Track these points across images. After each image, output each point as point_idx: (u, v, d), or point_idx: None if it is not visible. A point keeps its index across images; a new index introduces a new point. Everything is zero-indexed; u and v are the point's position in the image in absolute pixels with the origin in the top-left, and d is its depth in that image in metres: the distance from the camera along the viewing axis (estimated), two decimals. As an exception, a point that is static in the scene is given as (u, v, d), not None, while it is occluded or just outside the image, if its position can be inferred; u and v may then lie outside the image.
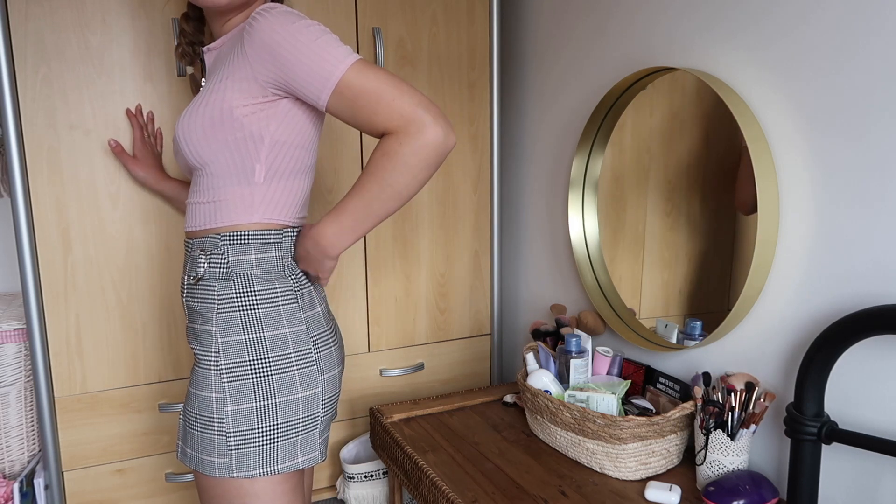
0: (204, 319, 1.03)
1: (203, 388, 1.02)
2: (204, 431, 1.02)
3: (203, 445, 1.02)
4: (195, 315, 1.06)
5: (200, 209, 1.06)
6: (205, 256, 1.04)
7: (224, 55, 1.04)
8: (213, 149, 1.01)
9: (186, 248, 1.10)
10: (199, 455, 1.03)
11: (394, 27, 1.65)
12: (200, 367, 1.03)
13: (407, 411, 1.61)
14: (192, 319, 1.07)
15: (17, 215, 1.36)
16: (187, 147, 1.03)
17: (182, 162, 1.09)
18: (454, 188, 1.80)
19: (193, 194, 1.08)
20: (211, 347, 1.02)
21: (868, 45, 1.02)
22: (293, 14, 0.96)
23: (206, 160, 1.02)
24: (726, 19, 1.24)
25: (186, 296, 1.08)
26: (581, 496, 1.22)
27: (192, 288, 1.06)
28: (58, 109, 1.38)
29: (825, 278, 1.12)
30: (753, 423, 1.16)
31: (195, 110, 1.02)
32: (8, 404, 1.48)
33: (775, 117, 1.17)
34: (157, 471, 1.56)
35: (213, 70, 1.07)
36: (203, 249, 1.05)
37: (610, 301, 1.56)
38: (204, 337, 1.03)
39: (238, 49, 0.98)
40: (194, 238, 1.07)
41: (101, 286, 1.46)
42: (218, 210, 1.04)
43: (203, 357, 1.03)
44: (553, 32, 1.73)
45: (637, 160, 1.46)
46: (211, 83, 1.03)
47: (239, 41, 0.99)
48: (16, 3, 1.33)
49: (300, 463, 1.04)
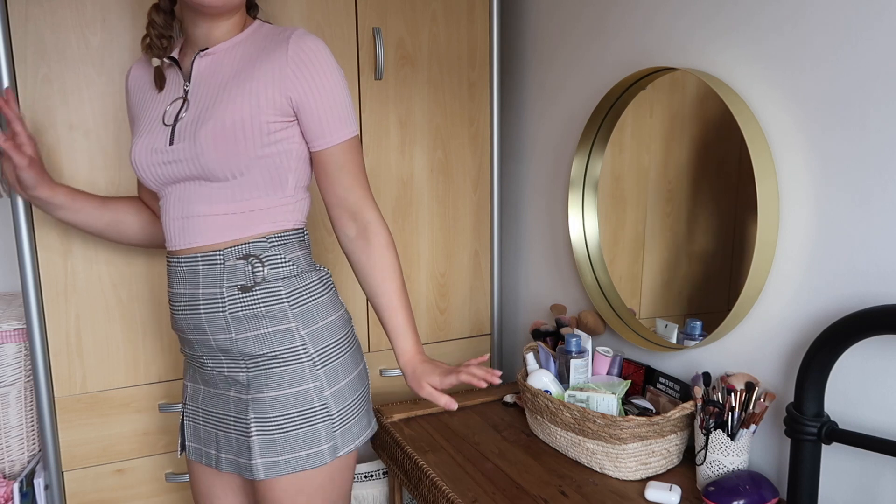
0: (275, 320, 1.08)
1: (295, 383, 1.08)
2: (304, 426, 1.08)
3: (304, 441, 1.08)
4: (256, 320, 1.07)
5: (227, 220, 1.07)
6: (259, 261, 1.07)
7: (234, 65, 1.07)
8: (246, 161, 1.04)
9: (210, 262, 1.08)
10: (298, 454, 1.08)
11: (394, 27, 1.65)
12: (286, 365, 1.08)
13: (407, 411, 1.61)
14: (249, 328, 1.07)
15: (17, 215, 1.36)
16: (217, 157, 1.03)
17: (187, 171, 1.06)
18: (454, 188, 1.80)
19: (207, 205, 1.07)
20: (295, 342, 1.09)
21: (867, 44, 1.02)
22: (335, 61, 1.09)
23: (238, 171, 1.05)
24: (726, 20, 1.24)
25: (229, 308, 1.07)
26: (581, 496, 1.22)
27: (242, 297, 1.07)
28: (58, 109, 1.38)
29: (825, 278, 1.12)
30: (753, 423, 1.16)
31: (219, 121, 1.03)
32: (8, 404, 1.48)
33: (775, 117, 1.17)
34: (157, 471, 1.56)
35: (212, 76, 1.08)
36: (250, 256, 1.07)
37: (610, 301, 1.56)
38: (281, 336, 1.08)
39: (273, 67, 1.04)
40: (224, 248, 1.07)
41: (101, 286, 1.46)
42: (253, 219, 1.08)
43: (286, 354, 1.08)
44: (553, 32, 1.73)
45: (637, 160, 1.46)
46: (224, 92, 1.05)
47: (274, 60, 1.05)
48: (16, 4, 1.33)
49: (373, 425, 1.20)
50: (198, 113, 1.06)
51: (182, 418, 1.21)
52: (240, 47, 1.09)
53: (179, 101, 1.09)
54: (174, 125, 1.07)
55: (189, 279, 1.09)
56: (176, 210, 1.09)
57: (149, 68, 1.16)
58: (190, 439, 1.20)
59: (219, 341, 1.09)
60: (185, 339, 1.15)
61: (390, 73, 1.67)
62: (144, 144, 1.09)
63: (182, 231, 1.09)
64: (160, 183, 1.10)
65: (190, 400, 1.19)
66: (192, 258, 1.09)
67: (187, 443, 1.20)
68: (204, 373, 1.15)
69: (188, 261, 1.09)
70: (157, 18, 1.11)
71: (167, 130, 1.08)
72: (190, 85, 1.09)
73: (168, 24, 1.12)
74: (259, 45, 1.08)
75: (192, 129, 1.05)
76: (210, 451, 1.17)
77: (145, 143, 1.09)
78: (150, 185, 1.11)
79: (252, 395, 1.08)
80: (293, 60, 1.04)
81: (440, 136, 1.76)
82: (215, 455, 1.16)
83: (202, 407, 1.17)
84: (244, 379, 1.10)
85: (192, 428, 1.19)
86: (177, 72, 1.12)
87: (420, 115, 1.72)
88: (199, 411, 1.18)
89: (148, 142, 1.09)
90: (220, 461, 1.15)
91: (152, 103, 1.13)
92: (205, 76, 1.08)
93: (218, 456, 1.15)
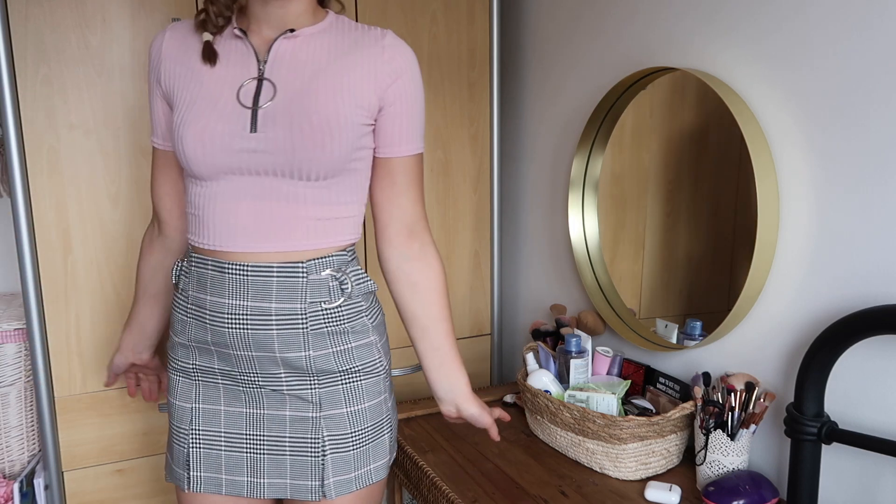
0: (357, 335, 1.04)
1: (373, 396, 1.05)
2: (376, 438, 1.06)
3: (373, 454, 1.06)
4: (339, 336, 1.02)
5: (313, 226, 0.99)
6: (347, 276, 1.02)
7: (323, 53, 0.99)
8: (341, 161, 0.98)
9: (289, 273, 0.98)
10: (368, 468, 1.06)
11: (394, 27, 1.65)
12: (366, 378, 1.05)
13: (407, 411, 1.61)
14: (330, 344, 1.01)
15: (17, 215, 1.36)
16: (316, 153, 0.95)
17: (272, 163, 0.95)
18: (454, 188, 1.80)
19: (290, 206, 0.98)
20: (374, 356, 1.06)
21: (868, 44, 1.02)
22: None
23: (333, 171, 0.97)
24: (727, 20, 1.24)
25: (311, 324, 1.00)
26: (581, 496, 1.22)
27: (326, 313, 1.01)
28: (58, 109, 1.38)
29: (825, 278, 1.12)
30: (753, 423, 1.16)
31: (320, 113, 0.95)
32: (8, 404, 1.48)
33: (775, 117, 1.17)
34: (157, 471, 1.56)
35: (297, 61, 0.98)
36: (336, 269, 1.01)
37: (610, 301, 1.56)
38: (362, 351, 1.04)
39: (368, 64, 0.99)
40: (307, 259, 0.99)
41: (101, 286, 1.46)
42: (336, 228, 1.02)
43: (368, 367, 1.05)
44: (553, 32, 1.73)
45: (637, 160, 1.46)
46: (316, 81, 0.97)
47: (369, 57, 0.99)
48: (16, 4, 1.33)
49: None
50: (289, 99, 0.96)
51: (188, 447, 1.05)
52: (325, 36, 1.00)
53: (254, 83, 0.97)
54: (254, 108, 0.95)
55: (256, 290, 0.98)
56: (244, 205, 0.97)
57: (190, 38, 1.02)
58: (204, 469, 1.05)
59: (289, 359, 1.00)
60: (218, 354, 1.03)
61: (390, 73, 1.67)
62: (212, 127, 0.95)
63: (253, 232, 0.97)
64: (225, 172, 0.97)
65: (203, 425, 1.05)
66: (264, 267, 0.97)
67: (199, 473, 1.05)
68: (236, 391, 1.04)
69: (256, 269, 0.97)
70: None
71: (245, 114, 0.95)
72: (266, 66, 0.98)
73: (228, 5, 1.01)
74: (348, 38, 1.01)
75: (286, 118, 0.95)
76: (239, 479, 1.05)
77: (213, 125, 0.95)
78: (202, 173, 0.97)
79: (325, 412, 1.02)
80: (390, 62, 1.00)
81: (440, 136, 1.76)
82: (249, 482, 1.05)
83: (225, 430, 1.04)
84: (312, 396, 1.02)
85: (207, 456, 1.05)
86: (246, 47, 0.99)
87: (420, 115, 1.72)
88: (221, 436, 1.05)
89: (216, 125, 0.95)
90: (258, 487, 1.05)
91: (206, 78, 0.99)
92: (287, 59, 0.98)
93: (254, 482, 1.05)
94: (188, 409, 1.06)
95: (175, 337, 1.08)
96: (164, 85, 1.03)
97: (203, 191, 0.99)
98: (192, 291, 1.03)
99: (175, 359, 1.08)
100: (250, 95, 0.97)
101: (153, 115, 1.08)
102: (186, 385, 1.07)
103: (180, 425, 1.07)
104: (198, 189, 1.00)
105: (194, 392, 1.06)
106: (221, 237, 0.99)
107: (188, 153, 0.96)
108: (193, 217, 1.02)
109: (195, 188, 1.01)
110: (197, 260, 1.02)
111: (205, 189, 0.99)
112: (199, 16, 1.01)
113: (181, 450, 1.07)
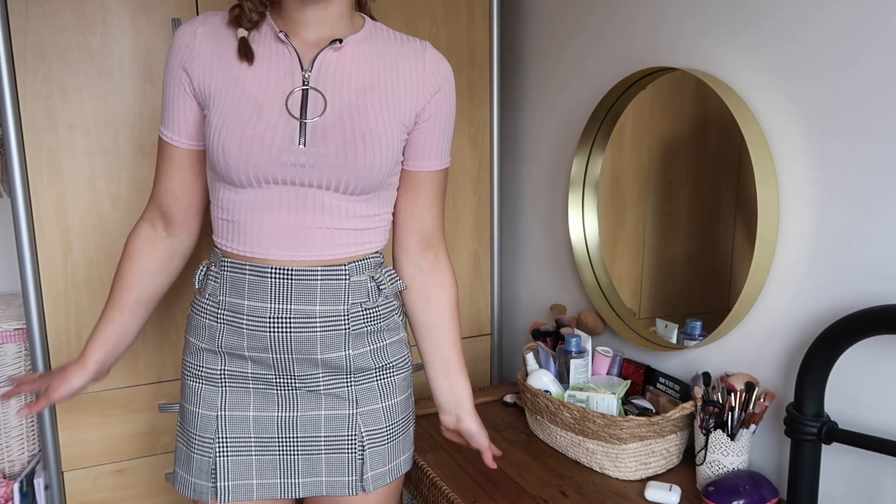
0: (391, 333, 1.08)
1: (404, 390, 1.10)
2: (407, 429, 1.12)
3: (403, 446, 1.11)
4: (376, 335, 1.06)
5: (353, 235, 1.01)
6: (382, 276, 1.06)
7: (369, 66, 0.99)
8: (383, 178, 1.00)
9: (332, 276, 1.00)
10: (400, 459, 1.11)
11: (394, 27, 1.65)
12: (399, 373, 1.09)
13: (407, 411, 1.61)
14: (368, 342, 1.04)
15: (17, 215, 1.36)
16: (367, 173, 0.97)
17: (319, 178, 0.95)
18: (454, 188, 1.80)
19: (335, 218, 0.99)
20: (404, 351, 1.11)
21: (869, 46, 1.02)
22: None
23: (377, 186, 1.00)
24: (727, 19, 1.24)
25: (352, 325, 1.02)
26: (581, 496, 1.22)
27: (370, 311, 1.04)
28: (58, 109, 1.38)
29: (825, 278, 1.12)
30: (753, 423, 1.16)
31: (374, 134, 0.96)
32: (8, 404, 1.48)
33: (775, 117, 1.17)
34: (157, 471, 1.56)
35: (343, 72, 0.98)
36: (373, 270, 1.05)
37: (610, 301, 1.56)
38: (395, 347, 1.09)
39: (411, 78, 1.01)
40: (348, 263, 1.01)
41: (101, 286, 1.46)
42: (371, 235, 1.04)
43: (400, 363, 1.10)
44: (553, 32, 1.73)
45: (637, 160, 1.46)
46: (365, 96, 0.97)
47: (412, 70, 1.01)
48: (16, 4, 1.33)
49: None
50: (339, 114, 0.95)
51: (213, 456, 1.03)
52: (368, 45, 1.00)
53: (300, 92, 0.95)
54: (303, 120, 0.94)
55: (300, 293, 0.99)
56: (289, 216, 0.97)
57: (223, 32, 0.98)
58: (233, 477, 1.03)
59: (329, 359, 1.02)
60: (253, 359, 1.02)
61: (390, 73, 1.67)
62: (260, 137, 0.93)
63: (297, 240, 0.98)
64: (266, 181, 0.95)
65: (231, 432, 1.03)
66: (308, 271, 0.98)
67: (228, 483, 1.03)
68: (269, 394, 1.03)
69: (301, 273, 0.98)
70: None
71: (294, 125, 0.94)
72: (311, 74, 0.96)
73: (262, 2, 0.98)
74: (391, 49, 1.01)
75: (337, 134, 0.95)
76: (272, 482, 1.05)
77: (261, 135, 0.93)
78: (241, 181, 0.96)
79: (361, 408, 1.04)
80: (431, 74, 1.02)
81: (440, 136, 1.76)
82: (283, 483, 1.05)
83: (255, 435, 1.03)
84: (349, 394, 1.04)
85: (235, 463, 1.03)
86: (290, 52, 0.97)
87: (420, 115, 1.72)
88: (250, 441, 1.03)
89: (265, 135, 0.93)
90: (293, 488, 1.05)
91: (247, 81, 0.96)
92: (332, 69, 0.97)
93: (288, 483, 1.05)
94: (213, 417, 1.03)
95: (200, 343, 1.05)
96: (196, 81, 0.98)
97: (239, 198, 0.98)
98: (223, 297, 1.01)
99: (197, 365, 1.05)
100: (297, 105, 0.95)
101: (174, 110, 1.01)
102: (210, 392, 1.04)
103: (204, 434, 1.03)
104: (232, 195, 0.99)
105: (220, 399, 1.04)
106: (262, 244, 0.98)
107: (231, 161, 0.94)
108: (227, 223, 1.01)
109: (229, 194, 0.99)
110: (231, 265, 1.01)
111: (241, 196, 0.98)
112: (233, 10, 0.98)
113: (205, 460, 1.03)
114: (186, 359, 1.07)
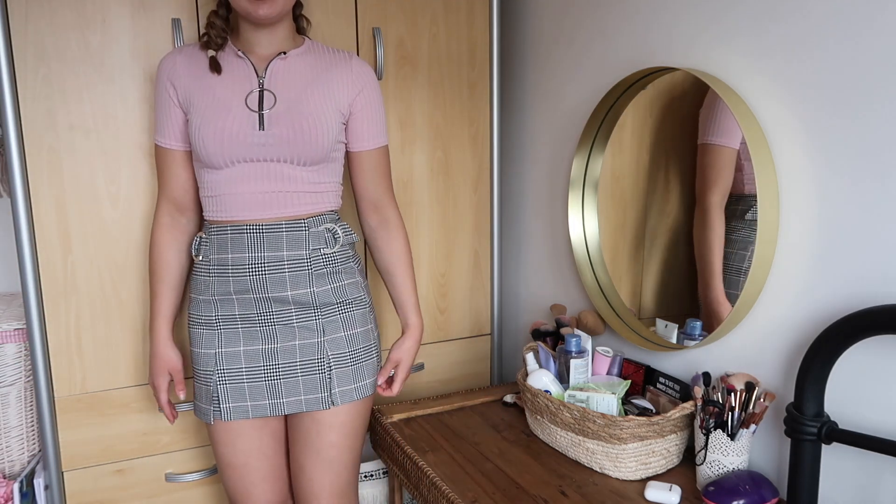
0: (349, 275, 1.34)
1: (362, 324, 1.34)
2: (367, 359, 1.35)
3: (366, 371, 1.34)
4: (334, 276, 1.31)
5: (309, 196, 1.28)
6: (337, 228, 1.32)
7: (308, 70, 1.29)
8: (326, 150, 1.27)
9: (294, 229, 1.27)
10: (364, 382, 1.34)
11: (394, 27, 1.65)
12: (356, 309, 1.33)
13: (407, 411, 1.61)
14: (328, 282, 1.30)
15: (17, 215, 1.36)
16: (311, 145, 1.25)
17: (277, 153, 1.24)
18: (454, 188, 1.80)
19: (293, 183, 1.26)
20: (362, 292, 1.36)
21: (869, 43, 1.02)
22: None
23: (321, 157, 1.27)
24: (726, 19, 1.24)
25: (313, 266, 1.28)
26: (581, 496, 1.22)
27: (328, 256, 1.31)
28: (58, 109, 1.38)
29: (825, 278, 1.12)
30: (753, 423, 1.16)
31: (313, 115, 1.25)
32: (8, 404, 1.48)
33: (775, 118, 1.17)
34: (157, 471, 1.56)
35: (289, 76, 1.28)
36: (332, 223, 1.32)
37: (610, 301, 1.56)
38: (353, 287, 1.34)
39: (342, 78, 1.30)
40: (306, 218, 1.28)
41: (101, 286, 1.46)
42: (325, 197, 1.31)
43: (356, 301, 1.34)
44: (553, 32, 1.73)
45: (637, 160, 1.46)
46: (307, 91, 1.26)
47: (342, 72, 1.30)
48: (16, 4, 1.33)
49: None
50: (287, 105, 1.24)
51: (214, 385, 1.29)
52: (307, 56, 1.31)
53: (257, 92, 1.25)
54: (261, 112, 1.24)
55: (270, 243, 1.26)
56: (257, 185, 1.25)
57: (196, 55, 1.29)
58: (231, 401, 1.29)
59: (297, 295, 1.28)
60: (238, 301, 1.27)
61: (390, 73, 1.67)
62: (227, 127, 1.22)
63: (264, 203, 1.25)
64: (238, 161, 1.24)
65: (226, 364, 1.29)
66: (276, 226, 1.26)
67: (227, 405, 1.29)
68: (254, 332, 1.28)
69: (270, 228, 1.26)
70: (216, 22, 1.28)
71: (254, 116, 1.23)
72: (265, 79, 1.26)
73: (225, 27, 1.29)
74: (325, 58, 1.32)
75: (288, 119, 1.23)
76: (262, 402, 1.30)
77: (230, 126, 1.22)
78: (219, 163, 1.23)
79: (328, 336, 1.29)
80: (356, 76, 1.31)
81: (440, 136, 1.76)
82: (271, 403, 1.29)
83: (246, 366, 1.29)
84: (316, 326, 1.29)
85: (232, 389, 1.29)
86: (246, 65, 1.28)
87: (420, 116, 1.72)
88: (242, 371, 1.29)
89: (230, 125, 1.22)
90: (279, 406, 1.30)
91: (217, 88, 1.25)
92: (281, 75, 1.27)
93: (275, 403, 1.30)
94: (212, 354, 1.30)
95: (198, 296, 1.31)
96: (181, 94, 1.27)
97: (218, 177, 1.26)
98: (213, 255, 1.29)
99: (198, 315, 1.31)
100: (255, 102, 1.25)
101: (168, 121, 1.29)
102: (210, 335, 1.30)
103: (206, 368, 1.30)
104: (212, 176, 1.27)
105: (217, 340, 1.30)
106: (238, 209, 1.26)
107: (209, 148, 1.23)
108: (211, 198, 1.28)
109: (210, 175, 1.27)
110: (216, 229, 1.29)
111: (220, 175, 1.26)
112: (202, 38, 1.29)
113: (207, 388, 1.30)
114: (191, 311, 1.34)
